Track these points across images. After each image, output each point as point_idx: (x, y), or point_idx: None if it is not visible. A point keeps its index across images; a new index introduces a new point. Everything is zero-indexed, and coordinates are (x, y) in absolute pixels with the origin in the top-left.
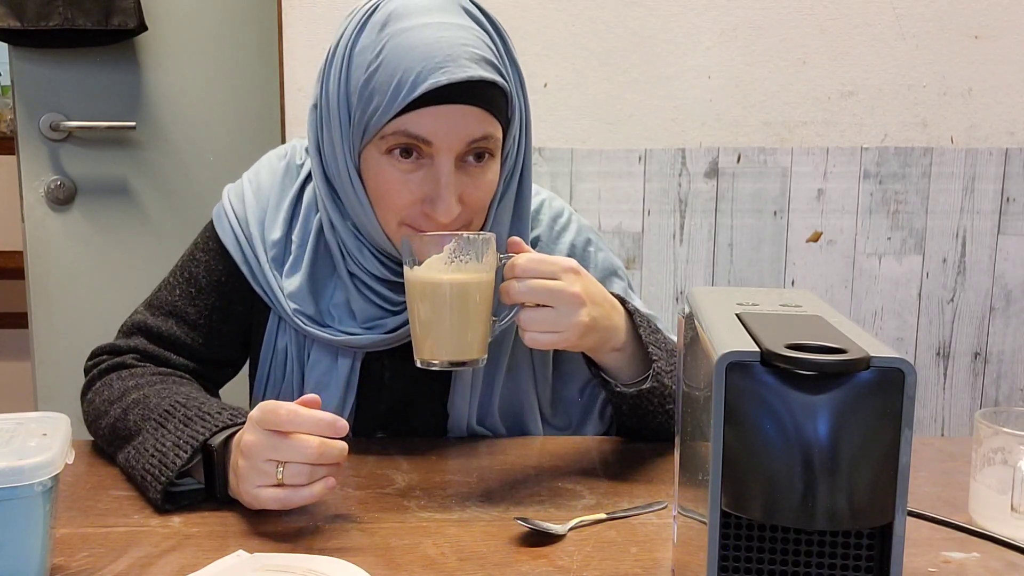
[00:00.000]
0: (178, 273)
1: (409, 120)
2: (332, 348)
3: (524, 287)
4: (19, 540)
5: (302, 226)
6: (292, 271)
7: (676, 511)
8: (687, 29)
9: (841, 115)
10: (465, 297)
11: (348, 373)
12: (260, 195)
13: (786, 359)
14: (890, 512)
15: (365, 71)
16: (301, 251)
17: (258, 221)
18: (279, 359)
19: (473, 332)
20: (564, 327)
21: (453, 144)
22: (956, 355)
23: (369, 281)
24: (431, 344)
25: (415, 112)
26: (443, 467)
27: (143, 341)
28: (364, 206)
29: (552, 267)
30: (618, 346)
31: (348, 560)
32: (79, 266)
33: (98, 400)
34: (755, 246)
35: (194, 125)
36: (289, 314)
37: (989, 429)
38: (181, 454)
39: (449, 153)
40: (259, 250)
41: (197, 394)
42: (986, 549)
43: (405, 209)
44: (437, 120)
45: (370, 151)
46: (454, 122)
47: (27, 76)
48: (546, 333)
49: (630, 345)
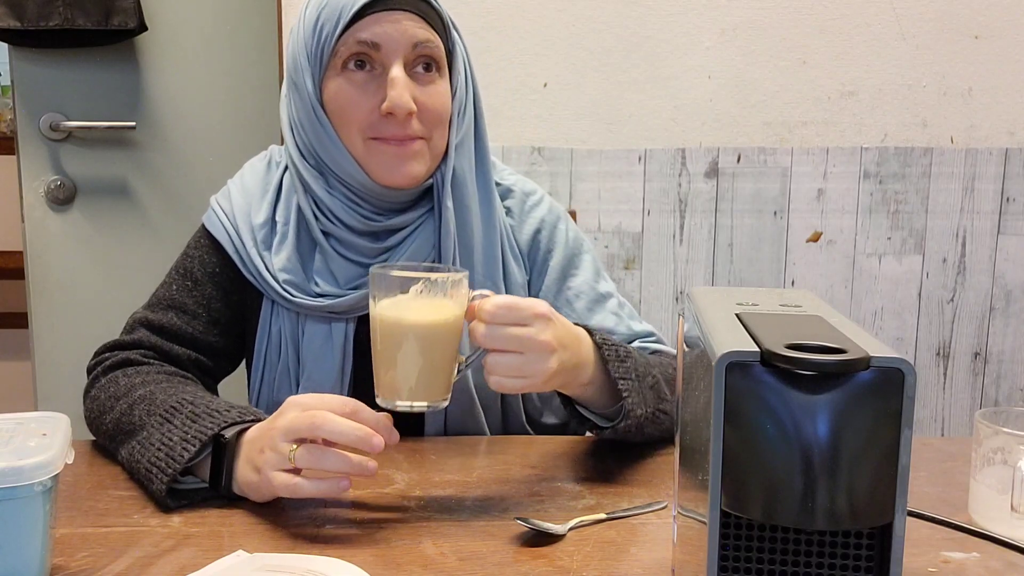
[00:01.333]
0: (173, 272)
1: (357, 29)
2: (326, 319)
3: (493, 333)
4: (19, 540)
5: (284, 206)
6: (279, 247)
7: (676, 511)
8: (687, 29)
9: (841, 115)
10: (432, 339)
11: (343, 341)
12: (245, 192)
13: (786, 359)
14: (890, 512)
15: (316, 11)
16: (286, 228)
17: (244, 214)
18: (274, 342)
19: (436, 375)
20: (532, 373)
21: (399, 46)
22: (956, 355)
23: (344, 235)
24: (392, 384)
25: (361, 22)
26: (443, 467)
27: (145, 333)
28: (331, 136)
29: (522, 313)
30: (586, 381)
31: (348, 560)
32: (79, 266)
33: (103, 396)
34: (755, 246)
35: (194, 125)
36: (279, 290)
37: (989, 429)
38: (189, 447)
39: (396, 55)
40: (247, 239)
41: (203, 393)
42: (986, 549)
43: (366, 119)
44: (381, 24)
45: (330, 78)
46: (397, 25)
47: (27, 76)
48: (513, 378)
49: (599, 376)
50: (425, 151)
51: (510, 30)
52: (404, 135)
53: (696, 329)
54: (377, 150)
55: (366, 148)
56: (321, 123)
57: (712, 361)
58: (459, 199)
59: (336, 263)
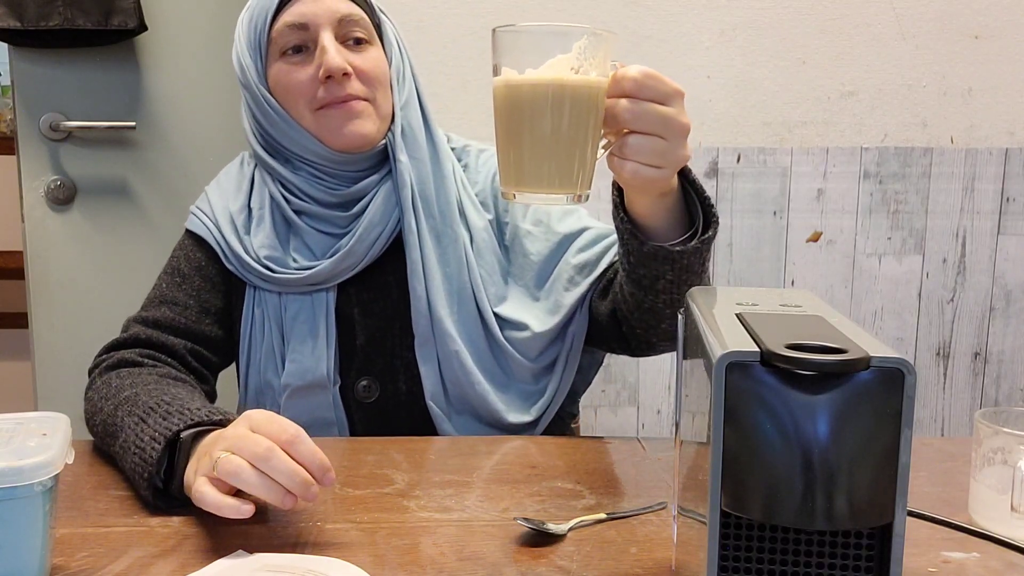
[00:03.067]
0: (162, 274)
1: (284, 14)
2: (307, 292)
3: (640, 109)
4: (19, 540)
5: (258, 195)
6: (257, 228)
7: (676, 511)
8: (687, 29)
9: (841, 115)
10: (589, 107)
11: (325, 311)
12: (222, 191)
13: (786, 359)
14: (890, 512)
15: (248, 11)
16: (262, 211)
17: (222, 207)
18: (257, 325)
19: (587, 156)
20: (669, 162)
21: (324, 20)
22: (956, 355)
23: (315, 209)
24: (536, 170)
25: (288, 8)
26: (443, 467)
27: (140, 328)
28: (283, 117)
29: (666, 88)
30: (668, 190)
31: (348, 560)
32: (79, 266)
33: (96, 398)
34: (755, 246)
35: (194, 125)
36: (260, 269)
37: (989, 429)
38: (156, 447)
39: (324, 28)
40: (227, 229)
41: (186, 394)
42: (986, 549)
43: (309, 91)
44: (305, 5)
45: (271, 66)
46: (321, 3)
47: (27, 76)
48: (650, 167)
49: (675, 191)
50: (371, 111)
51: None
52: (346, 95)
53: (696, 329)
54: (324, 116)
55: (315, 119)
56: (272, 108)
57: (712, 361)
58: (412, 154)
59: (311, 236)
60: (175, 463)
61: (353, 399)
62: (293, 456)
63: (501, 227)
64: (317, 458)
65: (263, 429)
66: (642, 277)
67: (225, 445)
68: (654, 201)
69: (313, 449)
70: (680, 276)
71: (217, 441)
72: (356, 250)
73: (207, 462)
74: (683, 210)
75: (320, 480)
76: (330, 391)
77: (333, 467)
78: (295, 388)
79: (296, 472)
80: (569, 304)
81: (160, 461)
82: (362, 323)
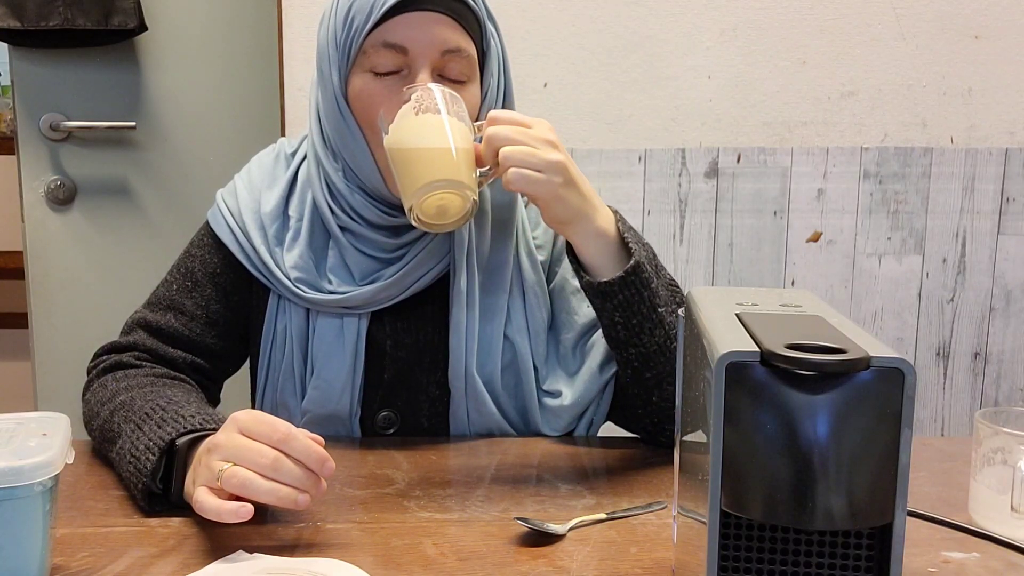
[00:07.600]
0: (175, 271)
1: (385, 30)
2: (338, 316)
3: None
4: (19, 540)
5: (299, 201)
6: (292, 243)
7: (676, 511)
8: (687, 29)
9: (841, 115)
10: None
11: (355, 338)
12: (252, 187)
13: (786, 359)
14: (890, 512)
15: (349, 2)
16: (299, 224)
17: (251, 210)
18: (278, 342)
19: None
20: (544, 165)
21: (427, 49)
22: (956, 355)
23: (362, 230)
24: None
25: (390, 22)
26: (443, 467)
27: (142, 335)
28: (354, 133)
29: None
30: (601, 231)
31: (348, 560)
32: (79, 266)
33: (93, 400)
34: (755, 246)
35: (194, 125)
36: (291, 286)
37: (989, 429)
38: (151, 456)
39: (424, 60)
40: (255, 236)
41: (182, 397)
42: (986, 549)
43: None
44: (410, 27)
45: (356, 74)
46: (427, 28)
47: (27, 76)
48: (529, 171)
49: (616, 238)
50: None
51: (510, 30)
52: None
53: (696, 329)
54: None
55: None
56: (344, 118)
57: (712, 361)
58: (480, 205)
59: (352, 256)
60: (172, 469)
61: (371, 427)
62: (289, 455)
63: (551, 272)
64: (313, 453)
65: (253, 431)
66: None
67: (223, 455)
68: (592, 242)
69: (307, 444)
70: (628, 319)
71: (212, 450)
72: (400, 283)
73: (205, 472)
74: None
75: (319, 472)
76: (350, 422)
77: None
78: (314, 415)
79: (304, 473)
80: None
81: (155, 471)
82: (392, 356)
